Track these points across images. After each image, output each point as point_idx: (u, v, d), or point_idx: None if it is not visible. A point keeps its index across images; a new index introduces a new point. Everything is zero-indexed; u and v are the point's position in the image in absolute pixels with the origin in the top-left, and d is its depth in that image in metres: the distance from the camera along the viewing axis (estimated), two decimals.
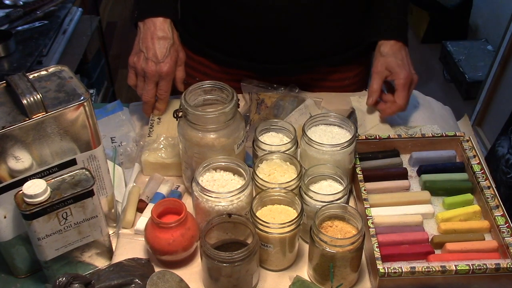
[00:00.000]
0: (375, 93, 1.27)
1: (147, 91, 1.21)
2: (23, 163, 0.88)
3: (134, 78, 1.23)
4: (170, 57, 1.19)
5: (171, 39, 1.20)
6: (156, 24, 1.19)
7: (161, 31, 1.19)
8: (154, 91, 1.21)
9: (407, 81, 1.23)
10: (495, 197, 1.04)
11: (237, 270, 0.90)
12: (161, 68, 1.18)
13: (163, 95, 1.22)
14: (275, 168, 1.04)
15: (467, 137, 1.17)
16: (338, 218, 0.97)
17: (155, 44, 1.18)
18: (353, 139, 1.05)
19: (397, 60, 1.24)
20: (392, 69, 1.24)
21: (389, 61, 1.25)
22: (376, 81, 1.26)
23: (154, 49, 1.18)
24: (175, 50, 1.21)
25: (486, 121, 2.51)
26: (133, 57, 1.21)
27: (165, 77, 1.20)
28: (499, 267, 0.92)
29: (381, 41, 1.28)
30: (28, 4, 2.09)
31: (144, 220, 1.04)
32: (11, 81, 0.86)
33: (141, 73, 1.20)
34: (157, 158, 1.16)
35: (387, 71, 1.25)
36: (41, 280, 0.99)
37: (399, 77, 1.23)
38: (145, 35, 1.19)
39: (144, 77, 1.20)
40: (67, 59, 2.14)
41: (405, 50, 1.27)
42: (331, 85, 1.41)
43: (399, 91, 1.23)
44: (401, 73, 1.23)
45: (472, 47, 2.75)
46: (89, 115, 0.90)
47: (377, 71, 1.26)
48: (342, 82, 1.42)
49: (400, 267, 0.92)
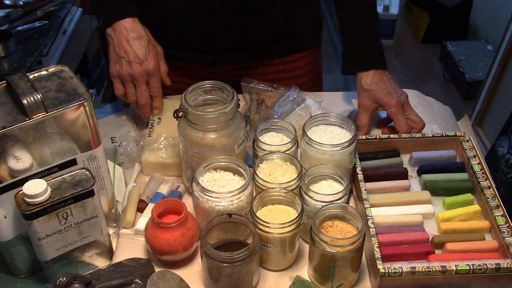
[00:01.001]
0: (365, 128, 1.25)
1: (141, 93, 1.20)
2: (24, 163, 0.88)
3: (121, 87, 1.21)
4: (151, 53, 1.18)
5: (145, 36, 1.19)
6: (126, 27, 1.18)
7: (134, 32, 1.18)
8: (147, 91, 1.21)
9: (398, 108, 1.21)
10: (495, 197, 1.04)
11: (238, 270, 0.90)
12: (147, 66, 1.18)
13: (156, 92, 1.22)
14: (275, 168, 1.04)
15: (467, 137, 1.17)
16: (339, 218, 0.97)
17: (133, 46, 1.17)
18: (353, 139, 1.05)
19: (381, 90, 1.23)
20: (379, 100, 1.23)
21: (374, 94, 1.23)
22: (363, 116, 1.24)
23: (133, 50, 1.17)
24: (152, 46, 1.20)
25: (486, 121, 2.50)
26: (114, 66, 1.20)
27: (154, 74, 1.19)
28: (500, 267, 0.92)
29: (360, 74, 1.26)
30: (28, 4, 2.09)
31: (144, 220, 1.04)
32: (11, 81, 0.86)
33: (128, 78, 1.19)
34: (157, 158, 1.16)
35: (374, 103, 1.24)
36: (41, 280, 0.99)
37: (389, 106, 1.22)
38: (119, 40, 1.18)
39: (133, 81, 1.19)
40: (67, 59, 2.14)
41: (386, 76, 1.25)
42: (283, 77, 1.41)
43: (395, 120, 1.22)
44: (390, 102, 1.22)
45: (472, 47, 2.74)
46: (89, 115, 0.90)
47: (364, 106, 1.24)
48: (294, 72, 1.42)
49: (401, 267, 0.92)
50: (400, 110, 1.22)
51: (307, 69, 1.45)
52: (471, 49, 2.73)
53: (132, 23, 1.19)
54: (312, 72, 1.47)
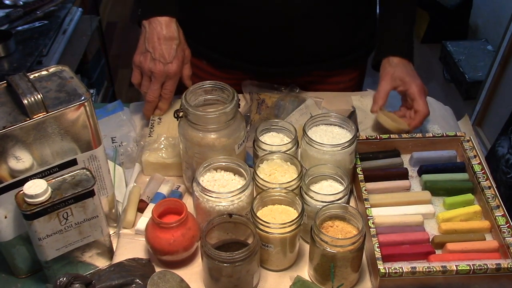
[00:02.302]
0: (383, 98, 1.22)
1: (153, 90, 1.20)
2: (24, 163, 0.88)
3: (138, 76, 1.22)
4: (177, 57, 1.19)
5: (177, 38, 1.19)
6: (162, 24, 1.18)
7: (168, 31, 1.18)
8: (159, 91, 1.21)
9: (421, 89, 1.21)
10: (495, 197, 1.04)
11: (238, 270, 0.90)
12: (169, 69, 1.18)
13: (168, 94, 1.22)
14: (275, 168, 1.04)
15: (468, 137, 1.17)
16: (339, 218, 0.97)
17: (162, 45, 1.17)
18: (353, 139, 1.05)
19: (408, 71, 1.22)
20: (403, 78, 1.21)
21: (399, 72, 1.22)
22: (384, 87, 1.22)
23: (161, 50, 1.17)
24: (181, 50, 1.20)
25: (486, 121, 2.51)
26: (138, 57, 1.20)
27: (173, 77, 1.20)
28: (500, 267, 0.92)
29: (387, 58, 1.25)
30: (28, 4, 2.08)
31: (144, 220, 1.04)
32: (11, 81, 0.86)
33: (147, 73, 1.19)
34: (157, 158, 1.16)
35: (398, 81, 1.22)
36: (41, 280, 0.99)
37: (413, 86, 1.20)
38: (151, 35, 1.18)
39: (151, 77, 1.20)
40: (67, 59, 2.14)
41: (412, 67, 1.25)
42: (326, 88, 1.41)
43: (417, 99, 1.20)
44: (414, 81, 1.21)
45: (472, 47, 2.74)
46: (89, 115, 0.90)
47: (387, 79, 1.22)
48: (337, 85, 1.42)
49: (401, 267, 0.92)
50: (423, 92, 1.21)
51: (350, 83, 1.45)
52: (471, 49, 2.74)
53: (169, 22, 1.19)
54: (355, 85, 1.46)
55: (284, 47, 1.30)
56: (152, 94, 1.21)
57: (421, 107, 1.20)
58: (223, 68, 1.37)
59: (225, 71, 1.37)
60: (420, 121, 1.20)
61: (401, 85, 1.22)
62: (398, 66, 1.23)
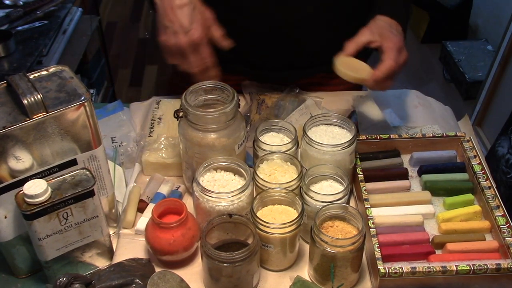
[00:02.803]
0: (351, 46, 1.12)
1: (191, 63, 1.11)
2: (24, 163, 0.88)
3: (171, 57, 1.13)
4: (197, 21, 1.10)
5: (191, 3, 1.11)
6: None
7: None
8: (197, 60, 1.12)
9: (397, 46, 1.10)
10: (495, 197, 1.04)
11: (238, 270, 0.90)
12: (192, 36, 1.09)
13: (208, 60, 1.13)
14: (275, 168, 1.04)
15: (468, 137, 1.17)
16: (339, 218, 0.97)
17: (177, 14, 1.09)
18: (353, 139, 1.05)
19: (390, 29, 1.14)
20: (382, 33, 1.12)
21: (381, 26, 1.13)
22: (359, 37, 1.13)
23: (178, 20, 1.09)
24: (199, 13, 1.11)
25: (486, 121, 2.51)
26: (161, 36, 1.12)
27: (200, 43, 1.11)
28: (500, 267, 0.92)
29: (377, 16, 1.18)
30: (28, 4, 2.09)
31: (144, 220, 1.04)
32: (11, 81, 0.86)
33: (176, 51, 1.11)
34: (157, 158, 1.16)
35: (377, 35, 1.13)
36: (41, 280, 0.99)
37: (388, 41, 1.11)
38: (164, 8, 1.11)
39: (180, 52, 1.11)
40: (67, 59, 2.14)
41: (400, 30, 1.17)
42: (326, 90, 1.40)
43: (387, 52, 1.10)
44: (391, 38, 1.11)
45: (472, 47, 2.75)
46: (89, 115, 0.90)
47: (365, 30, 1.14)
48: (338, 87, 1.41)
49: (401, 267, 0.92)
50: (395, 49, 1.11)
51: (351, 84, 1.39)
52: (471, 49, 2.74)
53: None
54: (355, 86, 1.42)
55: (284, 51, 1.30)
56: (194, 65, 1.12)
57: (387, 57, 1.09)
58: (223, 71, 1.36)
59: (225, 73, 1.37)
60: (383, 72, 1.09)
61: (378, 41, 1.14)
62: (382, 22, 1.16)
